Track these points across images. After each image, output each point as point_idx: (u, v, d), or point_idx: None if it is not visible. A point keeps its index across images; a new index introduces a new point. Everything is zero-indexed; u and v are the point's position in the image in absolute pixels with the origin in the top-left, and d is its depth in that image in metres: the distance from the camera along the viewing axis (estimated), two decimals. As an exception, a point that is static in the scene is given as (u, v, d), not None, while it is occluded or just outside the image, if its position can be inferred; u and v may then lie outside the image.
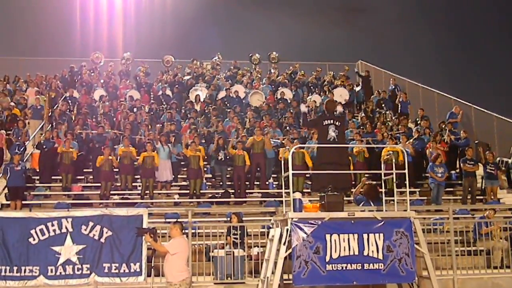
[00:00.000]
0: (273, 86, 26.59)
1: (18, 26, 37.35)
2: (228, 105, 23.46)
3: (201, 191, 17.98)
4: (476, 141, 20.42)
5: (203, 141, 19.68)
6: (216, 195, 18.13)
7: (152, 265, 10.36)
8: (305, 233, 9.41)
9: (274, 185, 18.63)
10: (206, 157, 18.98)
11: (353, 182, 18.22)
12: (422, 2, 42.48)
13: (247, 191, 18.28)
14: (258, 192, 18.60)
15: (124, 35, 39.49)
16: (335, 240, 9.47)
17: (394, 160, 10.79)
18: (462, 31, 42.04)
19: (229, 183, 18.49)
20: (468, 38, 41.76)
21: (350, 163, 17.76)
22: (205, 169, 18.98)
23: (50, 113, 21.46)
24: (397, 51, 40.24)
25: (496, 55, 40.48)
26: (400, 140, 19.21)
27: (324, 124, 10.64)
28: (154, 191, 17.90)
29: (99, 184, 17.81)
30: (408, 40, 41.67)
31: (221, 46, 35.03)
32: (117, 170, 18.06)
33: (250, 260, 12.46)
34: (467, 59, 40.28)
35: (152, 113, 22.42)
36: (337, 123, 10.59)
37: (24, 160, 18.05)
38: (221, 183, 18.72)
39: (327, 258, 9.41)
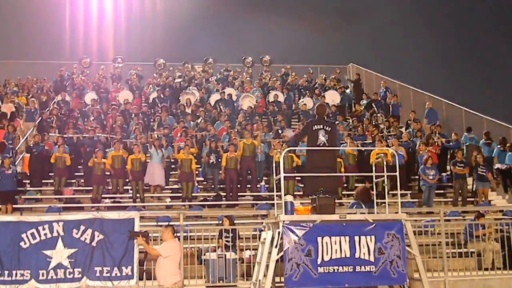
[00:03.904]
0: (265, 89, 26.67)
1: (7, 30, 37.17)
2: (222, 108, 23.47)
3: (193, 194, 17.96)
4: (467, 143, 20.50)
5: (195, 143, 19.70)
6: (208, 198, 18.14)
7: (144, 268, 10.36)
8: (297, 235, 9.43)
9: (266, 188, 18.65)
10: (197, 161, 18.96)
11: (345, 185, 18.43)
12: (414, 7, 42.63)
13: (238, 194, 18.29)
14: (250, 195, 18.61)
15: (115, 38, 39.43)
16: (326, 243, 9.49)
17: (385, 163, 10.79)
18: (452, 34, 42.25)
19: (221, 186, 18.49)
20: (458, 41, 41.96)
21: (342, 166, 17.91)
22: (197, 172, 18.99)
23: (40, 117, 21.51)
24: (388, 54, 40.36)
25: (486, 58, 40.69)
26: (392, 143, 19.29)
27: (314, 129, 10.67)
28: (146, 195, 17.90)
29: (90, 188, 17.79)
30: (399, 43, 41.80)
31: (213, 50, 35.04)
32: (108, 173, 18.03)
33: (242, 263, 12.44)
34: (457, 61, 40.46)
35: (143, 117, 22.39)
36: (327, 128, 10.62)
37: (15, 164, 17.98)
38: (212, 186, 18.72)
39: (319, 261, 9.44)
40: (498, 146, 19.78)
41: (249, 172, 18.68)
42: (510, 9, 40.41)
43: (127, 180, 18.14)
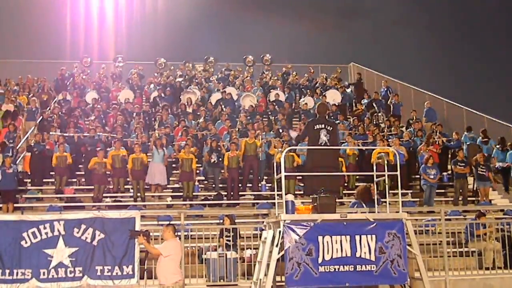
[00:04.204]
0: (265, 88, 26.66)
1: (7, 29, 37.19)
2: (223, 107, 23.48)
3: (194, 194, 17.97)
4: (468, 143, 20.50)
5: (195, 142, 19.69)
6: (209, 197, 18.14)
7: (145, 267, 10.35)
8: (298, 235, 9.42)
9: (267, 187, 18.64)
10: (197, 160, 18.96)
11: (346, 184, 18.42)
12: (414, 6, 42.66)
13: (239, 193, 18.28)
14: (251, 194, 18.61)
15: (116, 37, 39.44)
16: (327, 242, 9.49)
17: (385, 162, 10.79)
18: (453, 33, 42.25)
19: (222, 185, 18.49)
20: (459, 40, 41.97)
21: (343, 166, 17.88)
22: (198, 171, 18.99)
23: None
24: (389, 53, 40.39)
25: (488, 57, 40.73)
26: (393, 142, 19.29)
27: (315, 128, 10.66)
28: (147, 194, 17.90)
29: (91, 187, 17.80)
30: (401, 42, 41.82)
31: (214, 49, 35.05)
32: (109, 173, 18.04)
33: (243, 262, 12.44)
34: (458, 61, 40.48)
35: (145, 116, 22.39)
36: (328, 127, 10.61)
37: (16, 163, 17.99)
38: (213, 185, 18.72)
39: (320, 260, 9.43)
40: (497, 146, 19.80)
41: (251, 171, 18.67)
42: (511, 8, 40.44)
43: (128, 179, 18.15)
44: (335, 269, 9.47)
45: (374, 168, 11.20)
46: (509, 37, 40.40)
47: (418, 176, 18.90)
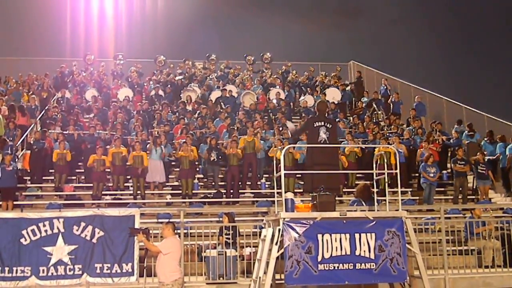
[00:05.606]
0: (265, 86, 26.64)
1: (8, 26, 37.16)
2: (223, 105, 23.45)
3: (193, 191, 17.95)
4: (467, 141, 20.50)
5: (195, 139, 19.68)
6: (208, 195, 18.13)
7: (145, 265, 10.35)
8: (297, 233, 9.41)
9: (267, 185, 18.63)
10: (197, 158, 18.95)
11: (346, 182, 18.41)
12: (414, 5, 42.63)
13: (239, 191, 18.27)
14: (251, 192, 18.60)
15: (116, 35, 39.40)
16: (327, 240, 9.48)
17: (386, 160, 10.78)
18: (453, 31, 42.22)
19: (222, 183, 18.48)
20: (459, 38, 41.94)
21: (345, 163, 17.88)
22: (197, 169, 18.98)
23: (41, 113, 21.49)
24: (389, 51, 40.36)
25: (488, 55, 40.68)
26: (393, 140, 19.29)
27: (315, 126, 10.66)
28: (147, 192, 17.90)
29: (91, 185, 17.80)
30: (401, 41, 41.80)
31: (214, 47, 35.02)
32: (109, 170, 18.04)
33: (242, 260, 12.44)
34: (458, 59, 40.46)
35: (143, 113, 22.37)
36: (328, 125, 10.61)
37: (16, 161, 17.98)
38: (213, 183, 18.71)
39: (319, 258, 9.42)
40: (485, 139, 19.87)
41: (250, 169, 18.65)
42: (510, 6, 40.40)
43: (128, 177, 18.14)
44: (334, 267, 9.46)
45: (374, 166, 11.21)
46: (509, 35, 40.37)
47: (417, 175, 18.88)
